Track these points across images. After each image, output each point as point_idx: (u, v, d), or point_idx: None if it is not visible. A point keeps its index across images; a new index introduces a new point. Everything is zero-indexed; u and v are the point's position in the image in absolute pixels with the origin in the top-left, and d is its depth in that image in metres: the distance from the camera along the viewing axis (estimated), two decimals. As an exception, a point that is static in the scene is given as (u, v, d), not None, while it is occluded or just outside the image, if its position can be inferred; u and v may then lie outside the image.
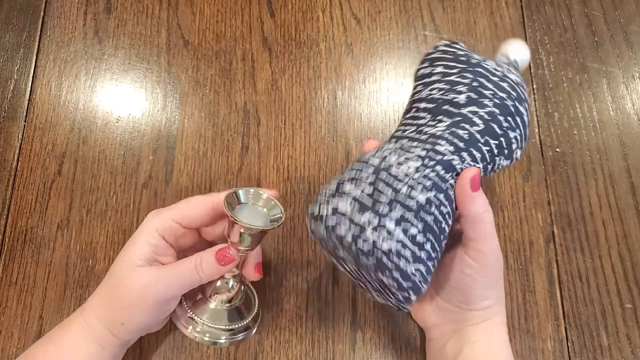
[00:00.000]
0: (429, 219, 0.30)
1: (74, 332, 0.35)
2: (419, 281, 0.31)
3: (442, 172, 0.31)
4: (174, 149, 0.47)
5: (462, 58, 0.35)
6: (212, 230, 0.38)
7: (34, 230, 0.44)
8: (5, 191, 0.45)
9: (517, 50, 0.38)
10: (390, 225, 0.29)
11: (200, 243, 0.39)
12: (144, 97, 0.48)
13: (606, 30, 0.52)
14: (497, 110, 0.33)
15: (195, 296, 0.38)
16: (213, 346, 0.36)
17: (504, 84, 0.34)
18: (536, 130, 0.48)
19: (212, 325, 0.36)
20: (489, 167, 0.34)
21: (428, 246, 0.30)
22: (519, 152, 0.35)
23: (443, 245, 0.32)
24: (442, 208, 0.31)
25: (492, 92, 0.33)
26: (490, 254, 0.34)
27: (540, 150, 0.48)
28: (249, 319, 0.38)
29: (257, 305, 0.39)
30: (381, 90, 0.49)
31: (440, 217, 0.31)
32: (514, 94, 0.34)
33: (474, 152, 0.32)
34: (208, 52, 0.50)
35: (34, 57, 0.49)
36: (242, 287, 0.38)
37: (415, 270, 0.30)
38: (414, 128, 0.34)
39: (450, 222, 0.32)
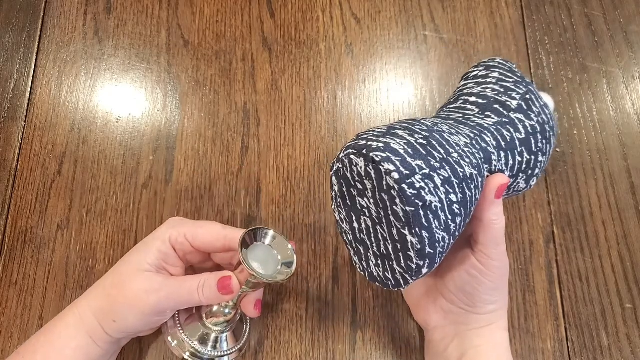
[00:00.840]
0: (468, 194, 0.29)
1: (67, 323, 0.34)
2: (439, 253, 0.29)
3: (482, 160, 0.32)
4: (174, 149, 0.47)
5: (518, 73, 0.37)
6: (222, 255, 0.38)
7: (34, 230, 0.44)
8: (5, 191, 0.45)
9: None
10: (438, 180, 0.28)
11: (208, 262, 0.39)
12: (144, 97, 0.48)
13: (606, 30, 0.52)
14: (538, 128, 0.35)
15: (190, 310, 0.37)
16: None
17: (547, 111, 0.36)
18: (536, 130, 0.48)
19: (196, 347, 0.35)
20: (511, 181, 0.35)
21: (458, 220, 0.29)
22: (535, 180, 0.36)
23: (461, 231, 0.31)
24: (476, 192, 0.31)
25: (538, 111, 0.35)
26: (497, 259, 0.34)
27: (540, 150, 0.48)
28: (234, 349, 0.37)
29: (246, 336, 0.39)
30: (381, 90, 0.49)
31: (473, 199, 0.30)
32: (551, 123, 0.36)
33: (509, 156, 0.34)
34: (208, 52, 0.50)
35: (34, 57, 0.49)
36: (237, 317, 0.37)
37: (442, 238, 0.29)
38: (460, 114, 0.35)
39: (473, 211, 0.32)
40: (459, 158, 0.29)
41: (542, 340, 0.42)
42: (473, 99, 0.36)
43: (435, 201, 0.28)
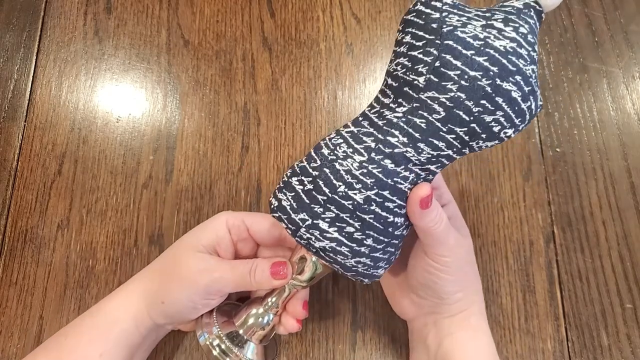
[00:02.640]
0: (369, 217, 0.30)
1: (115, 304, 0.35)
2: (364, 271, 0.31)
3: (392, 166, 0.29)
4: (174, 148, 0.47)
5: (433, 25, 0.28)
6: (269, 252, 0.39)
7: (34, 230, 0.44)
8: (5, 191, 0.45)
9: None
10: (324, 225, 0.30)
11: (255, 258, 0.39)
12: (144, 97, 0.48)
13: (606, 30, 0.52)
14: (463, 95, 0.27)
15: (228, 315, 0.37)
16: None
17: (480, 59, 0.27)
18: (536, 130, 0.48)
19: (229, 346, 0.34)
20: (464, 150, 0.30)
21: (369, 241, 0.30)
22: (509, 131, 0.29)
23: (398, 233, 0.32)
24: (387, 204, 0.30)
25: (458, 73, 0.27)
26: (447, 255, 0.33)
27: (540, 150, 0.48)
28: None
29: (276, 356, 0.39)
30: (381, 90, 0.49)
31: (384, 213, 0.30)
32: (494, 69, 0.27)
33: (435, 141, 0.29)
34: (208, 52, 0.50)
35: (34, 57, 0.49)
36: (272, 333, 0.36)
37: (356, 262, 0.31)
38: (377, 108, 0.31)
39: (403, 211, 0.31)
40: (346, 190, 0.30)
41: (542, 340, 0.42)
42: (390, 80, 0.30)
43: (326, 244, 0.30)
